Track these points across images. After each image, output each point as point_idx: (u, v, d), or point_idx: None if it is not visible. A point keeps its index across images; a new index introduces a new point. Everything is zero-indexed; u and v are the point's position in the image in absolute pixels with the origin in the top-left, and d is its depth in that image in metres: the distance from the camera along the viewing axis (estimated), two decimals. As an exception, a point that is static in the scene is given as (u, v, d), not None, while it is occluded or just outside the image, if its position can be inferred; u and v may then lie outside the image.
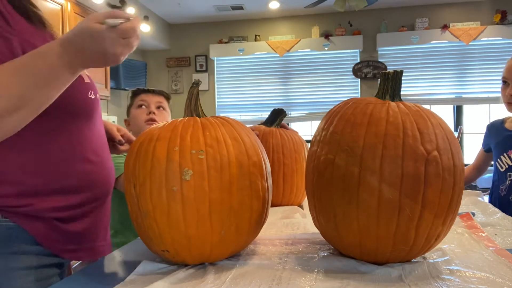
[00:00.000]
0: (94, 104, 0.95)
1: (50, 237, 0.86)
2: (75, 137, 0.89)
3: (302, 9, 4.81)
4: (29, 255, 0.84)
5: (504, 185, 1.69)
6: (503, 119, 1.81)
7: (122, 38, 0.71)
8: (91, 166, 0.92)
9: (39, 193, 0.84)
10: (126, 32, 0.71)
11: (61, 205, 0.87)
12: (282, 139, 1.34)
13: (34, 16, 0.86)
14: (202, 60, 5.61)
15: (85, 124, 0.92)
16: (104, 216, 0.99)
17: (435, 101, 5.14)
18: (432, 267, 0.73)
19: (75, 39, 0.70)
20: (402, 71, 0.80)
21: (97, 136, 0.97)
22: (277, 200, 1.33)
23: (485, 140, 1.88)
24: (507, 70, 1.62)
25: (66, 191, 0.88)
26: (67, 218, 0.88)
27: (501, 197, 1.69)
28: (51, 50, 0.71)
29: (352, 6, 3.54)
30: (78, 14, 3.59)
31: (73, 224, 0.90)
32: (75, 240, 0.90)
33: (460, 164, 0.73)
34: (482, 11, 4.96)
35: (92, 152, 0.93)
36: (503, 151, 1.70)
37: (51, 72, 0.71)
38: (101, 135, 1.00)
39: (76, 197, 0.89)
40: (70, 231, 0.89)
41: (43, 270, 0.86)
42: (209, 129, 0.75)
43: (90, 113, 0.93)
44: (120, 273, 0.77)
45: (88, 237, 0.93)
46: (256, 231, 0.82)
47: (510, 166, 1.67)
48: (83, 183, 0.90)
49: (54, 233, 0.86)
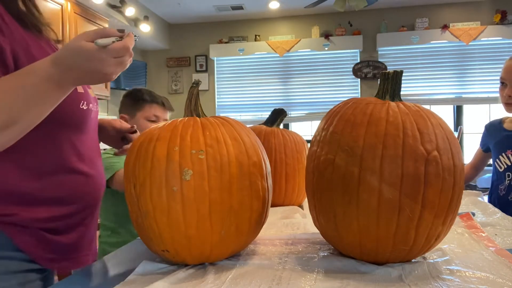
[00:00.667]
0: (85, 115, 0.92)
1: (34, 247, 0.84)
2: (64, 147, 0.87)
3: (302, 9, 4.81)
4: (13, 260, 0.82)
5: (503, 185, 1.70)
6: (502, 119, 1.81)
7: (113, 58, 0.69)
8: (79, 177, 0.90)
9: (24, 203, 0.82)
10: (117, 52, 0.69)
11: (47, 216, 0.85)
12: (284, 139, 1.34)
13: (29, 22, 0.84)
14: (202, 60, 5.61)
15: (74, 135, 0.90)
16: (91, 226, 0.97)
17: (435, 101, 5.14)
18: (432, 267, 0.73)
19: (66, 57, 0.69)
20: (402, 71, 0.80)
21: (89, 147, 0.94)
22: (279, 200, 1.33)
23: (483, 139, 1.88)
24: (504, 71, 1.62)
25: (53, 202, 0.86)
26: (54, 229, 0.87)
27: (500, 197, 1.69)
28: (41, 68, 0.70)
29: (352, 6, 3.55)
30: (78, 14, 3.59)
31: (60, 236, 0.88)
32: (60, 251, 0.88)
33: (460, 164, 0.73)
34: (482, 11, 4.96)
35: (82, 163, 0.91)
36: (501, 151, 1.71)
37: (40, 90, 0.70)
38: (93, 146, 0.98)
39: (62, 208, 0.87)
40: (56, 242, 0.87)
41: (26, 274, 0.84)
42: (209, 129, 0.75)
43: (81, 124, 0.91)
44: (120, 273, 0.77)
45: (74, 248, 0.92)
46: (256, 231, 0.82)
47: (508, 166, 1.67)
48: (71, 195, 0.89)
49: (39, 243, 0.84)
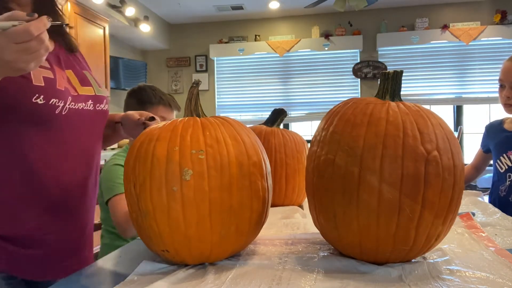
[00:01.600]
0: (44, 111, 0.81)
1: (5, 263, 0.82)
2: (22, 146, 0.79)
3: (302, 9, 4.81)
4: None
5: (503, 185, 1.69)
6: (502, 119, 1.81)
7: (14, 43, 0.61)
8: (42, 180, 0.82)
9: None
10: (17, 36, 0.60)
11: (8, 230, 0.80)
12: (284, 139, 1.34)
13: None
14: (202, 60, 5.61)
15: (37, 134, 0.81)
16: (71, 235, 0.91)
17: (435, 101, 5.14)
18: (432, 267, 0.73)
19: None
20: (402, 71, 0.80)
21: (59, 148, 0.85)
22: (279, 200, 1.32)
23: (483, 141, 1.88)
24: (502, 72, 1.63)
25: (9, 214, 0.80)
26: (21, 242, 0.82)
27: (501, 198, 1.69)
28: None
29: (352, 6, 3.54)
30: (78, 14, 3.59)
31: (31, 249, 0.83)
32: (36, 264, 0.85)
33: (460, 164, 0.73)
34: (482, 11, 4.96)
35: (46, 165, 0.82)
36: (502, 152, 1.70)
37: None
38: (71, 147, 0.88)
39: (22, 222, 0.81)
40: (28, 255, 0.83)
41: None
42: (209, 129, 0.75)
43: (41, 121, 0.81)
44: (120, 273, 0.77)
45: (53, 259, 0.87)
46: (256, 231, 0.81)
47: (509, 167, 1.67)
48: (29, 206, 0.81)
49: (10, 259, 0.82)
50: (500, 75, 1.63)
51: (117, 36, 4.84)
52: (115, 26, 4.42)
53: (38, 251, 0.86)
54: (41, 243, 0.86)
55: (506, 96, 1.58)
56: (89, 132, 0.94)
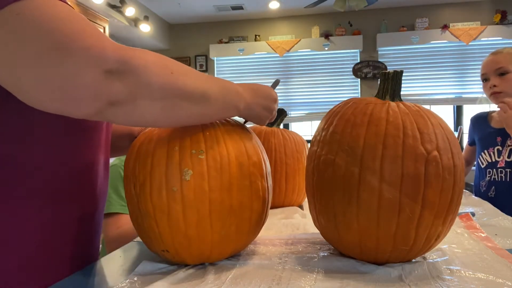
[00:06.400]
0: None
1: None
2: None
3: (302, 9, 4.82)
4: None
5: (484, 181, 1.73)
6: (488, 112, 1.84)
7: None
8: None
9: None
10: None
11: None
12: (284, 139, 1.34)
13: None
14: (202, 60, 5.61)
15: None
16: (57, 240, 0.81)
17: (435, 101, 5.14)
18: (432, 267, 0.73)
19: (249, 89, 0.80)
20: (402, 71, 0.80)
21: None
22: (279, 200, 1.32)
23: (469, 133, 1.91)
24: (483, 67, 1.71)
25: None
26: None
27: (481, 193, 1.73)
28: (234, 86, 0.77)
29: (352, 6, 3.55)
30: (78, 14, 3.59)
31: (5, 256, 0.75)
32: (13, 274, 0.75)
33: (460, 164, 0.73)
34: (482, 11, 4.97)
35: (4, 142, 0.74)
36: (484, 148, 1.74)
37: (232, 92, 0.75)
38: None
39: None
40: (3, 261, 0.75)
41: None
42: (209, 129, 0.75)
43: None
44: (120, 273, 0.77)
45: (36, 266, 0.78)
46: (256, 231, 0.81)
47: (489, 163, 1.70)
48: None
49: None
50: (481, 72, 1.72)
51: (117, 36, 4.85)
52: (115, 26, 4.42)
53: (12, 258, 0.78)
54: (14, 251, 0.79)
55: (492, 85, 1.63)
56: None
